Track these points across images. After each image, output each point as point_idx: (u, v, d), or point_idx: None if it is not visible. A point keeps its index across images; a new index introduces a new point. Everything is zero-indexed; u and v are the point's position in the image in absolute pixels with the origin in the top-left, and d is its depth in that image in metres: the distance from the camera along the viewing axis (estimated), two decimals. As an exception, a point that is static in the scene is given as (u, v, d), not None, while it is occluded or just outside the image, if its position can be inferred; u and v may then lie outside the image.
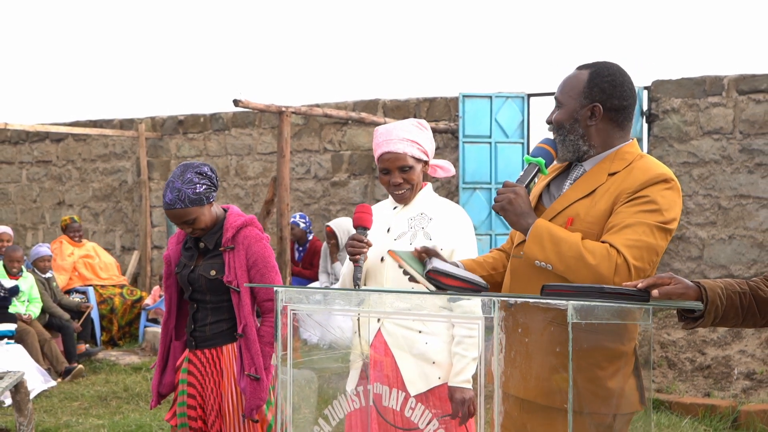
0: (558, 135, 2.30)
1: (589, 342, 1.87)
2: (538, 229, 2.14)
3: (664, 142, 8.01)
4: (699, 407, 5.45)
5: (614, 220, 2.13)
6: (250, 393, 3.02)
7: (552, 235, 2.12)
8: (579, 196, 2.22)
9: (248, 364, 3.04)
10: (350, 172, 9.50)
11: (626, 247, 2.06)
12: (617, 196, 2.17)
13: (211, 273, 3.10)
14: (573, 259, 2.06)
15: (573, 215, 2.19)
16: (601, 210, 2.17)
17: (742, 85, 7.66)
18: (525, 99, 8.59)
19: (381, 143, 2.94)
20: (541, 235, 2.13)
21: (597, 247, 2.07)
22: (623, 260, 2.05)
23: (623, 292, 1.78)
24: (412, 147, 2.90)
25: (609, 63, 2.31)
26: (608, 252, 2.05)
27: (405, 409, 2.13)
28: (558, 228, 2.14)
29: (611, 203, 2.17)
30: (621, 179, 2.19)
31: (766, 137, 7.57)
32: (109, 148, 10.97)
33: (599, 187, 2.21)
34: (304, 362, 2.35)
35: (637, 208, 2.12)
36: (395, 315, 2.54)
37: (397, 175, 2.91)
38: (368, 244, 2.70)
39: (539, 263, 2.13)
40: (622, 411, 2.09)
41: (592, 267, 2.04)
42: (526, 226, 2.17)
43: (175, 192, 3.03)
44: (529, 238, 2.15)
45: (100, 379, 6.99)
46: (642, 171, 2.19)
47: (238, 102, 7.02)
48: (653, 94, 8.06)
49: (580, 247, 2.07)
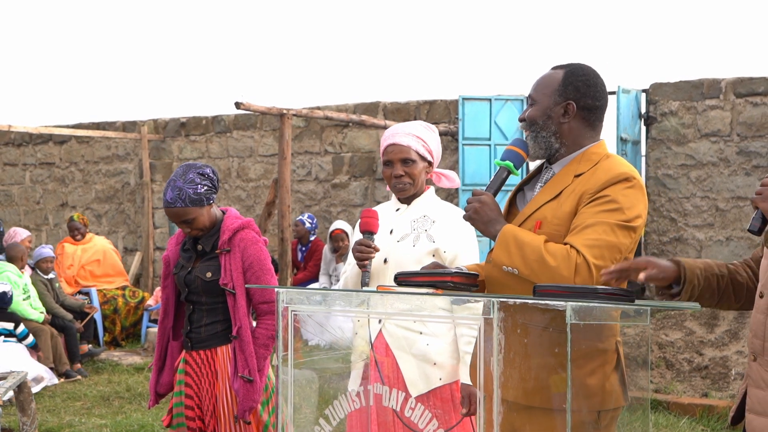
0: (531, 132, 2.33)
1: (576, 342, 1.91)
2: (504, 235, 2.18)
3: (662, 144, 8.05)
4: (697, 407, 5.49)
5: (576, 221, 2.17)
6: (243, 394, 3.03)
7: (517, 239, 2.15)
8: (546, 199, 2.25)
9: (242, 365, 3.05)
10: (351, 174, 9.53)
11: (586, 246, 2.09)
12: (581, 196, 2.20)
13: (207, 275, 3.12)
14: (535, 262, 2.10)
15: (541, 218, 2.22)
16: (566, 212, 2.20)
17: (739, 87, 7.70)
18: (524, 101, 8.63)
19: (387, 137, 2.98)
20: (507, 240, 2.16)
21: (558, 249, 2.10)
22: (583, 260, 2.07)
23: (614, 293, 1.82)
24: (417, 142, 2.94)
25: (583, 64, 2.36)
26: (568, 253, 2.08)
27: (405, 409, 2.14)
28: (524, 232, 2.18)
29: (575, 204, 2.20)
30: (585, 180, 2.23)
31: (763, 140, 7.61)
32: (111, 150, 11.01)
33: (565, 189, 2.24)
34: (305, 362, 2.38)
35: (598, 208, 2.15)
36: (397, 316, 2.57)
37: (399, 167, 2.93)
38: (375, 249, 2.73)
39: (506, 268, 2.16)
40: (607, 407, 2.11)
41: (553, 269, 2.07)
42: (494, 233, 2.21)
43: (176, 191, 3.05)
44: (496, 244, 2.19)
45: (103, 379, 7.02)
46: (604, 171, 2.22)
47: (240, 104, 7.06)
48: (651, 96, 8.10)
49: (541, 250, 2.10)
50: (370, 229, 2.76)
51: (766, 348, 2.08)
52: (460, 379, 2.74)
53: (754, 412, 2.10)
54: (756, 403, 2.10)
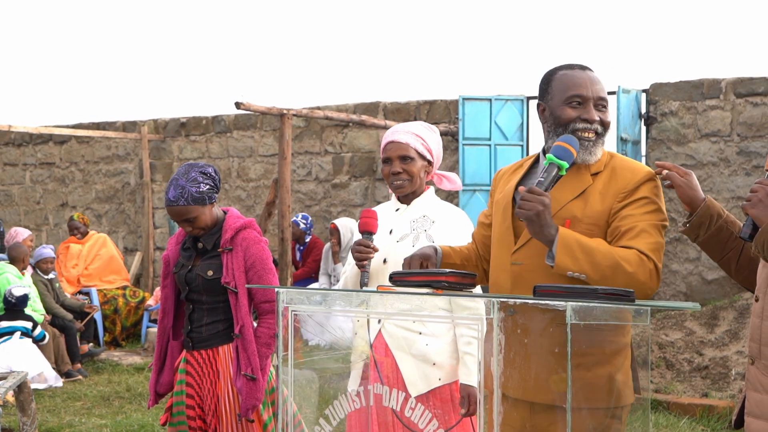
0: (599, 137, 2.32)
1: (587, 340, 1.91)
2: (565, 239, 2.13)
3: (662, 144, 8.05)
4: (697, 407, 5.49)
5: (626, 224, 2.19)
6: (246, 393, 3.04)
7: (581, 245, 2.13)
8: (570, 198, 2.26)
9: (245, 364, 3.06)
10: (351, 174, 9.54)
11: (652, 251, 2.14)
12: (612, 196, 2.23)
13: (209, 273, 3.12)
14: (609, 268, 2.10)
15: (569, 217, 2.22)
16: (596, 211, 2.22)
17: (739, 87, 7.70)
18: (524, 101, 8.63)
19: (387, 135, 2.99)
20: (570, 245, 2.12)
21: (629, 254, 2.13)
22: (653, 265, 2.14)
23: (615, 293, 1.82)
24: (416, 140, 2.95)
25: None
26: (641, 258, 2.12)
27: (405, 409, 2.15)
28: (581, 236, 2.16)
29: (607, 204, 2.22)
30: (607, 179, 2.26)
31: (763, 140, 7.62)
32: (111, 150, 11.02)
33: (588, 188, 2.26)
34: (305, 362, 2.38)
35: (643, 210, 2.20)
36: (396, 316, 2.57)
37: (397, 164, 2.93)
38: (374, 249, 2.74)
39: (572, 274, 2.13)
40: (620, 404, 2.14)
41: (630, 275, 2.09)
42: (550, 238, 2.14)
43: (179, 189, 3.06)
44: (558, 249, 2.13)
45: (103, 380, 7.03)
46: (629, 170, 2.27)
47: (240, 104, 7.06)
48: (651, 96, 8.10)
49: (615, 256, 2.11)
50: (369, 229, 2.76)
51: (762, 352, 2.09)
52: (460, 379, 2.74)
53: (753, 415, 2.11)
54: (754, 407, 2.10)
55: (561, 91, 2.31)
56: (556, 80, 2.34)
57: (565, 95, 2.30)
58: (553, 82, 2.34)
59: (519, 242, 2.31)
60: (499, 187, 2.52)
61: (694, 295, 7.83)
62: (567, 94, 2.30)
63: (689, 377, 6.14)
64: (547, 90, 2.36)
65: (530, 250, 2.26)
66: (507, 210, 2.38)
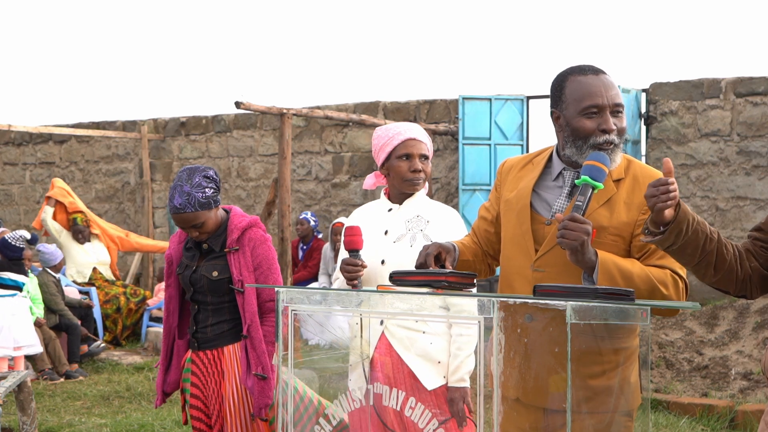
0: (618, 144, 2.23)
1: (590, 342, 1.91)
2: (606, 264, 2.11)
3: (662, 144, 8.06)
4: (696, 407, 5.49)
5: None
6: (257, 392, 3.02)
7: (620, 269, 2.12)
8: (596, 206, 2.20)
9: (255, 363, 3.04)
10: (351, 173, 9.54)
11: (682, 269, 2.16)
12: (637, 207, 2.19)
13: (214, 274, 3.11)
14: (647, 291, 2.11)
15: (596, 226, 2.14)
16: (622, 222, 2.19)
17: (739, 87, 7.70)
18: (524, 101, 8.63)
19: (403, 131, 2.95)
20: (610, 270, 2.11)
21: (664, 276, 2.14)
22: (684, 284, 2.16)
23: (615, 293, 1.82)
24: (429, 142, 3.00)
25: None
26: (675, 280, 2.14)
27: (405, 409, 2.15)
28: (618, 259, 2.14)
29: (633, 216, 2.19)
30: (630, 188, 2.22)
31: (763, 139, 7.62)
32: (111, 149, 11.02)
33: (613, 196, 2.21)
34: (305, 362, 2.38)
35: None
36: (397, 316, 2.57)
37: (418, 162, 2.92)
38: (363, 266, 2.73)
39: None
40: (624, 408, 2.13)
41: (666, 297, 2.12)
42: (591, 264, 2.11)
43: (185, 196, 3.03)
44: (599, 274, 2.10)
45: (103, 379, 7.03)
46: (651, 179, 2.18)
47: (240, 104, 7.07)
48: (651, 96, 8.11)
49: (652, 280, 2.12)
50: (355, 247, 2.74)
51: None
52: (449, 379, 2.73)
53: None
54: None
55: (576, 100, 2.20)
56: (569, 87, 2.23)
57: (581, 105, 2.19)
58: (566, 89, 2.23)
59: (542, 249, 2.24)
60: (508, 182, 2.43)
61: (694, 295, 7.83)
62: (582, 105, 2.19)
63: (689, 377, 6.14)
64: (560, 97, 2.25)
65: (554, 258, 2.21)
66: (524, 213, 2.30)
